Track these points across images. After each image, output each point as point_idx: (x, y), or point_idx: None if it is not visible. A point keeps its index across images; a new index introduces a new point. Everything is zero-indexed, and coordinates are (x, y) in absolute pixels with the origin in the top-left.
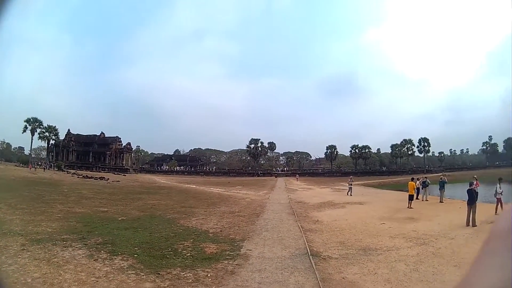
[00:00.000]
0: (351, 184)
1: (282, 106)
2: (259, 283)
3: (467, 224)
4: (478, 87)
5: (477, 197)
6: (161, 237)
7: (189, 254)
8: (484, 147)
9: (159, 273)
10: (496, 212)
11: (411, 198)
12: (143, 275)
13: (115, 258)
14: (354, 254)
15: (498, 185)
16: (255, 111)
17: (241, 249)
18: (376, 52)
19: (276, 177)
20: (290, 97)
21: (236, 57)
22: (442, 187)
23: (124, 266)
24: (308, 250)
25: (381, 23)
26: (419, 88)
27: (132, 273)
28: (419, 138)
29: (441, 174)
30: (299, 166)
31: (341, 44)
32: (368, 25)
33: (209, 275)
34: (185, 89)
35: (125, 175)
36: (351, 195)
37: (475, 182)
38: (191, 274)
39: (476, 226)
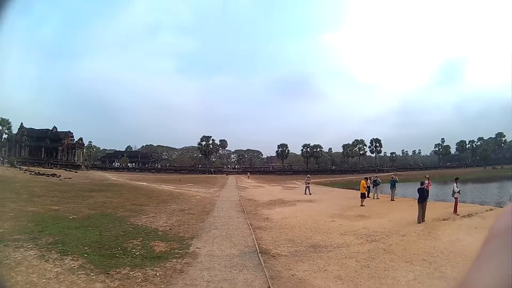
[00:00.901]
0: (308, 183)
1: (235, 104)
2: (208, 282)
3: (419, 221)
4: (430, 93)
5: (428, 196)
6: (111, 236)
7: (138, 253)
8: (437, 149)
9: (108, 273)
10: (455, 210)
11: (363, 196)
12: (93, 275)
13: (66, 258)
14: (303, 251)
15: (455, 184)
16: (207, 108)
17: (190, 247)
18: (331, 55)
19: (227, 174)
20: (242, 95)
21: (190, 53)
22: (393, 186)
23: (75, 266)
24: (257, 248)
25: (337, 28)
26: (371, 91)
27: (82, 274)
28: (371, 138)
29: (392, 173)
30: (251, 164)
31: (296, 46)
32: (325, 29)
33: (158, 274)
34: (138, 84)
35: (77, 172)
36: (310, 193)
37: (427, 182)
38: (140, 274)
39: (424, 221)
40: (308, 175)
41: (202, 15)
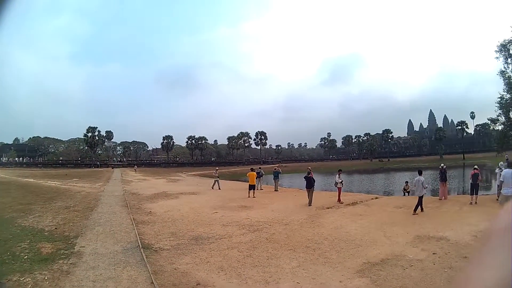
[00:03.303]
0: (218, 176)
1: (122, 95)
2: (94, 282)
3: (309, 205)
4: (317, 90)
5: (314, 183)
6: (1, 240)
7: (26, 256)
8: (323, 142)
9: (1, 281)
10: (338, 199)
11: (251, 187)
12: None
13: None
14: (186, 244)
15: (337, 175)
16: (96, 97)
17: (75, 247)
18: (221, 49)
19: (112, 168)
20: (130, 85)
21: (85, 38)
22: (276, 177)
23: None
24: (140, 243)
25: (233, 23)
26: (259, 86)
27: None
28: (256, 131)
29: (276, 165)
30: (136, 156)
31: (188, 38)
32: (220, 24)
33: (46, 278)
34: (25, 68)
35: None
36: (219, 188)
37: (309, 172)
38: (30, 279)
39: (311, 206)
40: (217, 167)
41: None
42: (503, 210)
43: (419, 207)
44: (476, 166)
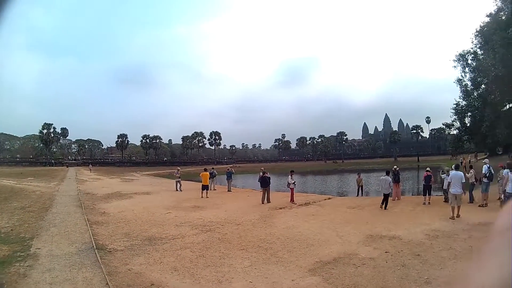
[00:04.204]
0: (179, 177)
1: (78, 90)
2: (50, 284)
3: (262, 202)
4: (273, 91)
5: (269, 182)
6: None
7: None
8: (277, 143)
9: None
10: (291, 200)
11: (205, 188)
12: None
13: None
14: (139, 244)
15: (290, 176)
16: (50, 92)
17: (31, 248)
18: (178, 47)
19: (67, 166)
20: (86, 81)
21: (39, 28)
22: (229, 177)
23: None
24: (94, 244)
25: (191, 21)
26: (214, 86)
27: None
28: (211, 131)
29: (230, 165)
30: (91, 155)
31: (145, 35)
32: (178, 22)
33: (4, 282)
34: None
35: None
36: (180, 190)
37: (265, 172)
38: None
39: (270, 202)
40: (178, 168)
41: None
42: (504, 210)
43: (385, 203)
44: (428, 168)
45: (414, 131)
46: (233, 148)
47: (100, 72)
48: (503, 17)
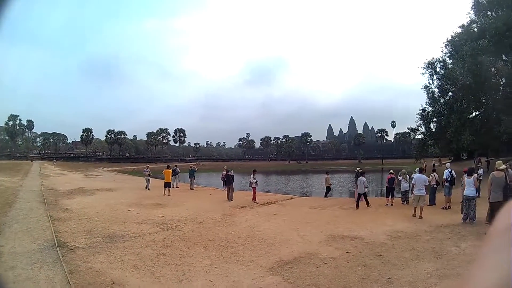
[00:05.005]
0: (149, 175)
1: (44, 81)
2: (14, 282)
3: (228, 199)
4: (239, 90)
5: (233, 181)
6: None
7: None
8: (241, 142)
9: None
10: (253, 199)
11: (167, 185)
12: None
13: None
14: (101, 242)
15: (252, 175)
16: (16, 82)
17: None
18: (148, 42)
19: (32, 161)
20: (53, 72)
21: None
22: (192, 175)
23: None
24: (56, 241)
25: (163, 17)
26: (181, 83)
27: None
28: (175, 128)
29: (194, 163)
30: (56, 149)
31: (115, 28)
32: (150, 17)
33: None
34: None
35: None
36: (148, 189)
37: (228, 171)
38: None
39: (233, 200)
40: (147, 165)
41: None
42: (504, 210)
43: (363, 201)
44: (391, 171)
45: (379, 135)
46: (198, 145)
47: (67, 64)
48: (475, 29)
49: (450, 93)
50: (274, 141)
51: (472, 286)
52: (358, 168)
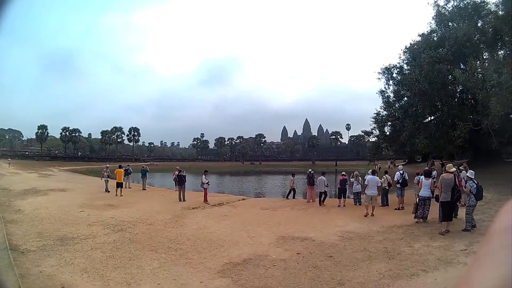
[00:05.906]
0: (108, 176)
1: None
2: None
3: (179, 200)
4: (193, 89)
5: (185, 181)
6: None
7: None
8: (195, 142)
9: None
10: (205, 200)
11: (119, 185)
12: None
13: None
14: (51, 245)
15: (203, 176)
16: None
17: None
18: (104, 36)
19: None
20: (8, 64)
21: None
22: (144, 176)
23: None
24: (7, 244)
25: (121, 10)
26: (136, 80)
27: None
28: (130, 127)
29: (148, 163)
30: (11, 146)
31: (73, 20)
32: (107, 10)
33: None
34: None
35: None
36: (109, 191)
37: (181, 171)
38: None
39: (185, 201)
40: (107, 165)
41: None
42: (503, 211)
43: (323, 199)
44: (343, 172)
45: (334, 137)
46: (152, 145)
47: (23, 56)
48: (435, 38)
49: (405, 98)
50: (228, 142)
51: (472, 286)
52: (310, 170)
